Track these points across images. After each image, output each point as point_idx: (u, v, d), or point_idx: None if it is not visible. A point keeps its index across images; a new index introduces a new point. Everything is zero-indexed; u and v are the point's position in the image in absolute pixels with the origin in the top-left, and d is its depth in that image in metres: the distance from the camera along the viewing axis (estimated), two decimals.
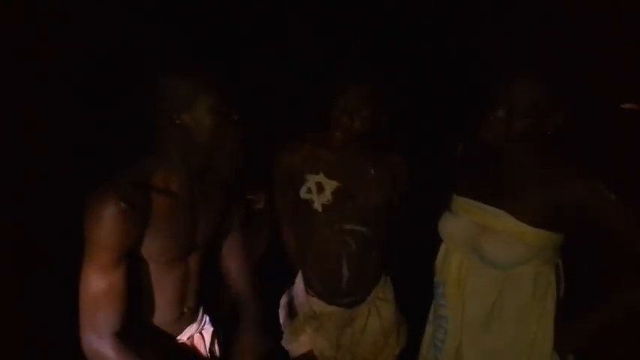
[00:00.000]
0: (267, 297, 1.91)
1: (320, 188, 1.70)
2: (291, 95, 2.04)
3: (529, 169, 1.32)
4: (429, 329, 1.62)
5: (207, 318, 1.42)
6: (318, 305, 1.82)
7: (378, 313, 1.81)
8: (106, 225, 1.04)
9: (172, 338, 1.30)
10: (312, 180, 1.70)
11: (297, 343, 1.83)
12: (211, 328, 1.41)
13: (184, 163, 1.19)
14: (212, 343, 1.41)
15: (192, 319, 1.35)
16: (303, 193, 1.72)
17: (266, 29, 2.02)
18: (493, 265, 1.35)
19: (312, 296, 1.82)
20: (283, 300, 1.90)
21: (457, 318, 1.43)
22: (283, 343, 1.87)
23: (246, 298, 1.45)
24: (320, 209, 1.71)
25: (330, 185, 1.69)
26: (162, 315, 1.25)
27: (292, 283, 1.91)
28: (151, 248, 1.15)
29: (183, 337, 1.32)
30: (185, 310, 1.30)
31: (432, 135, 1.84)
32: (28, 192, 1.56)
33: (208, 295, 1.41)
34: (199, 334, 1.38)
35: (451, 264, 1.45)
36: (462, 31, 1.89)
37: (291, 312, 1.86)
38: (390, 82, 1.67)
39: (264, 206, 1.70)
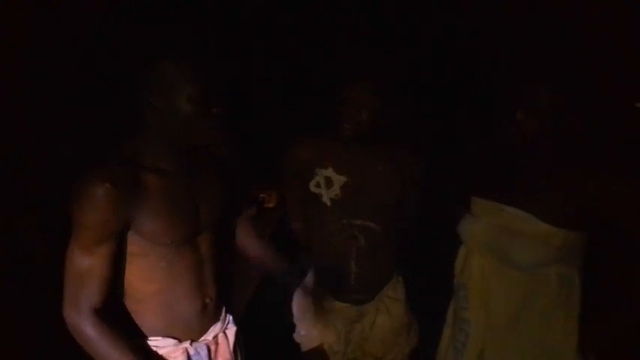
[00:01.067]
0: (279, 291, 1.93)
1: (329, 183, 1.71)
2: (302, 93, 2.03)
3: (546, 169, 1.34)
4: (447, 332, 1.62)
5: (231, 317, 1.42)
6: (328, 301, 1.81)
7: (388, 311, 1.81)
8: (90, 205, 1.05)
9: (198, 336, 1.31)
10: (321, 174, 1.71)
11: (307, 337, 1.84)
12: (234, 328, 1.42)
13: (170, 143, 1.19)
14: (235, 344, 1.42)
15: (215, 317, 1.35)
16: (312, 187, 1.72)
17: (272, 26, 1.99)
18: (517, 267, 1.36)
19: (322, 291, 1.83)
20: (295, 294, 1.91)
21: (480, 321, 1.44)
22: (295, 336, 1.88)
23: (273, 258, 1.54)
24: (328, 203, 1.71)
25: (339, 180, 1.70)
26: (185, 307, 1.25)
27: (304, 277, 1.91)
28: (151, 228, 1.15)
29: (208, 337, 1.33)
30: (207, 300, 1.30)
31: (448, 134, 1.85)
32: (29, 192, 1.53)
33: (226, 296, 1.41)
34: (223, 333, 1.38)
35: (472, 267, 1.45)
36: (472, 31, 1.89)
37: (303, 306, 1.86)
38: (401, 78, 1.68)
39: (275, 205, 1.70)
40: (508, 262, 1.38)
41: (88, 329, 1.09)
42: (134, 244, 1.16)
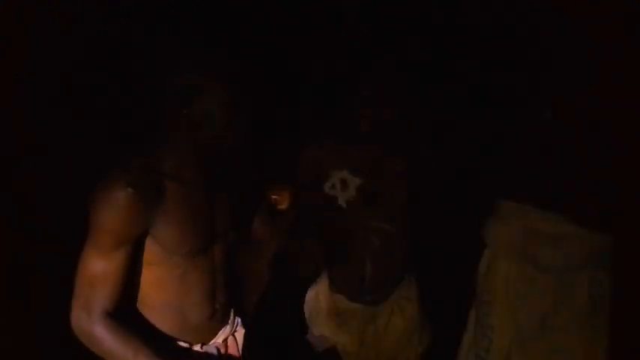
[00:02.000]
0: (292, 293, 1.92)
1: (344, 184, 1.69)
2: (315, 93, 2.02)
3: (571, 170, 1.31)
4: (466, 338, 1.60)
5: (240, 320, 1.41)
6: (342, 302, 1.82)
7: (401, 311, 1.81)
8: (110, 210, 1.04)
9: (208, 340, 1.30)
10: (336, 176, 1.70)
11: (320, 337, 1.84)
12: (243, 330, 1.41)
13: (194, 152, 1.17)
14: (244, 346, 1.41)
15: (225, 320, 1.34)
16: (327, 189, 1.71)
17: (286, 25, 1.98)
18: (546, 271, 1.32)
19: (336, 293, 1.83)
20: (308, 296, 1.90)
21: (505, 327, 1.41)
22: (308, 337, 1.88)
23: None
24: (344, 205, 1.70)
25: (354, 182, 1.68)
26: (196, 313, 1.25)
27: (316, 279, 1.91)
28: (167, 237, 1.13)
29: (218, 340, 1.32)
30: (217, 306, 1.29)
31: (468, 135, 1.82)
32: (28, 192, 1.52)
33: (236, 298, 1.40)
34: (232, 336, 1.37)
35: (497, 271, 1.42)
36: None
37: (316, 308, 1.86)
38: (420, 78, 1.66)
39: (287, 207, 1.68)
40: (537, 266, 1.34)
41: (99, 329, 1.07)
42: (149, 252, 1.15)
